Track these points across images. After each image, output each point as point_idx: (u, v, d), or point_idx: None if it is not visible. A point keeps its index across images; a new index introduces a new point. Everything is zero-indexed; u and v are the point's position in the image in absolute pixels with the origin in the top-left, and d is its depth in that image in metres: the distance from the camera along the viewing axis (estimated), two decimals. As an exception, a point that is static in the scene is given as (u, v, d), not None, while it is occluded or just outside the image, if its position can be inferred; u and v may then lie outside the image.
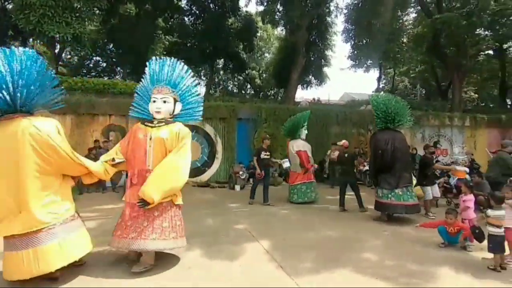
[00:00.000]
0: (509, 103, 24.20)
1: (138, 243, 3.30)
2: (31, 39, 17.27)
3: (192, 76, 3.96)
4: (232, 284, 3.31)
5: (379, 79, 24.35)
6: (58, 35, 11.38)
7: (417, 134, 13.00)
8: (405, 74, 26.70)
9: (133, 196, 3.42)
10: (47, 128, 3.05)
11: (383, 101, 6.27)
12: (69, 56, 25.46)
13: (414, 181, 8.13)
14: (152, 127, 3.58)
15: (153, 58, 3.89)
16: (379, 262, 3.99)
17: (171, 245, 3.52)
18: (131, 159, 3.58)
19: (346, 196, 6.89)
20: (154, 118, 3.66)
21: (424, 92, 28.30)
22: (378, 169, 6.13)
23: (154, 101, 3.64)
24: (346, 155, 7.20)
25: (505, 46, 19.01)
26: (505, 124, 13.89)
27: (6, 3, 17.25)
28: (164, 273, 3.49)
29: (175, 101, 3.76)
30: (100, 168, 3.50)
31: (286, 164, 7.97)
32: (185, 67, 3.90)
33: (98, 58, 24.02)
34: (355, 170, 11.36)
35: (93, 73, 23.73)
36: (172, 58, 3.90)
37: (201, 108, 4.05)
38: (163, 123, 3.61)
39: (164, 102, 3.64)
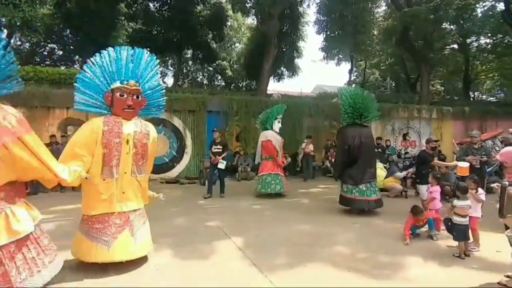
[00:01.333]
0: (472, 95, 25.86)
1: None
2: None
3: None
4: (204, 285, 3.28)
5: (350, 72, 24.98)
6: (4, 19, 10.54)
7: (387, 126, 13.56)
8: (376, 66, 27.65)
9: None
10: None
11: (351, 96, 6.32)
12: (19, 43, 23.73)
13: (384, 173, 8.51)
14: None
15: None
16: (351, 255, 4.13)
17: None
18: None
19: (318, 189, 7.02)
20: None
21: (394, 84, 29.47)
22: (344, 164, 6.27)
23: None
24: None
25: (468, 40, 20.20)
26: (469, 116, 14.83)
27: None
28: (132, 275, 3.39)
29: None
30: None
31: (220, 165, 7.97)
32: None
33: (53, 45, 22.59)
34: (329, 163, 11.70)
35: (47, 62, 22.31)
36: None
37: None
38: None
39: None
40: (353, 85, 25.32)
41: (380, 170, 8.49)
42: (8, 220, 2.51)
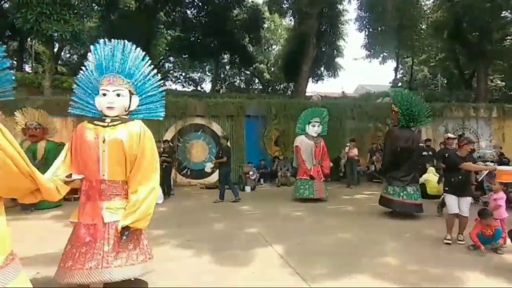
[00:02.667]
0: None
1: (100, 274, 2.75)
2: (29, 39, 17.64)
3: (149, 65, 3.35)
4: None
5: (396, 69, 24.01)
6: (56, 34, 11.58)
7: (439, 127, 12.77)
8: (425, 63, 26.29)
9: (88, 216, 2.92)
10: None
11: (408, 99, 6.41)
12: (68, 55, 25.86)
13: (436, 178, 8.02)
14: (104, 126, 3.01)
15: (100, 41, 3.25)
16: (400, 267, 3.94)
17: (140, 271, 2.98)
18: (82, 169, 2.99)
19: (363, 195, 6.81)
20: (106, 116, 3.08)
21: (445, 81, 27.80)
22: (392, 166, 6.37)
23: (104, 94, 3.05)
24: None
25: (534, 29, 18.53)
26: (536, 114, 13.55)
27: (3, 2, 17.61)
28: (173, 282, 3.52)
29: (131, 94, 3.19)
30: (51, 185, 2.56)
31: (206, 168, 8.52)
32: (141, 52, 3.32)
33: (98, 56, 24.34)
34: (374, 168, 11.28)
35: (94, 72, 24.02)
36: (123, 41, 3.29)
37: (163, 103, 3.48)
38: (119, 122, 3.05)
39: (118, 95, 3.07)
40: (399, 83, 24.28)
41: (432, 175, 8.04)
42: None
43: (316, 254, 4.32)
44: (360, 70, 50.76)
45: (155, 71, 3.41)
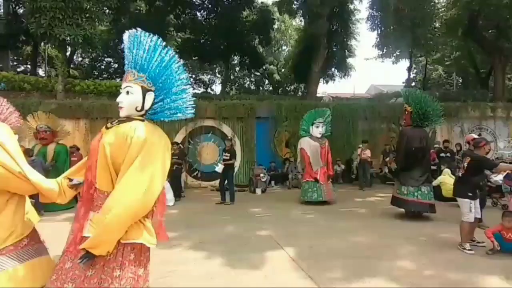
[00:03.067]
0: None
1: None
2: (42, 43, 18.05)
3: (172, 55, 2.64)
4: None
5: (409, 69, 23.65)
6: (69, 38, 11.83)
7: (455, 128, 12.53)
8: (439, 62, 25.83)
9: (76, 222, 2.58)
10: None
11: (421, 98, 6.43)
12: (80, 59, 26.32)
13: (452, 180, 7.88)
14: (108, 128, 2.62)
15: (124, 35, 2.70)
16: (416, 271, 3.88)
17: None
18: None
19: (376, 198, 6.74)
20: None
21: (461, 81, 27.30)
22: (406, 166, 6.42)
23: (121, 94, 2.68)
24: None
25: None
26: (556, 113, 13.17)
27: (17, 7, 18.09)
28: (186, 284, 3.54)
29: (146, 90, 2.60)
30: (54, 187, 2.52)
31: (216, 168, 8.48)
32: (159, 40, 2.61)
33: (109, 59, 24.75)
34: (387, 170, 11.13)
35: (105, 75, 24.45)
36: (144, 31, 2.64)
37: (189, 98, 2.74)
38: (118, 123, 2.61)
39: (127, 93, 2.60)
40: (413, 83, 23.94)
41: (448, 177, 7.89)
42: None
43: (328, 257, 4.28)
44: (372, 70, 50.41)
45: (177, 59, 2.69)
